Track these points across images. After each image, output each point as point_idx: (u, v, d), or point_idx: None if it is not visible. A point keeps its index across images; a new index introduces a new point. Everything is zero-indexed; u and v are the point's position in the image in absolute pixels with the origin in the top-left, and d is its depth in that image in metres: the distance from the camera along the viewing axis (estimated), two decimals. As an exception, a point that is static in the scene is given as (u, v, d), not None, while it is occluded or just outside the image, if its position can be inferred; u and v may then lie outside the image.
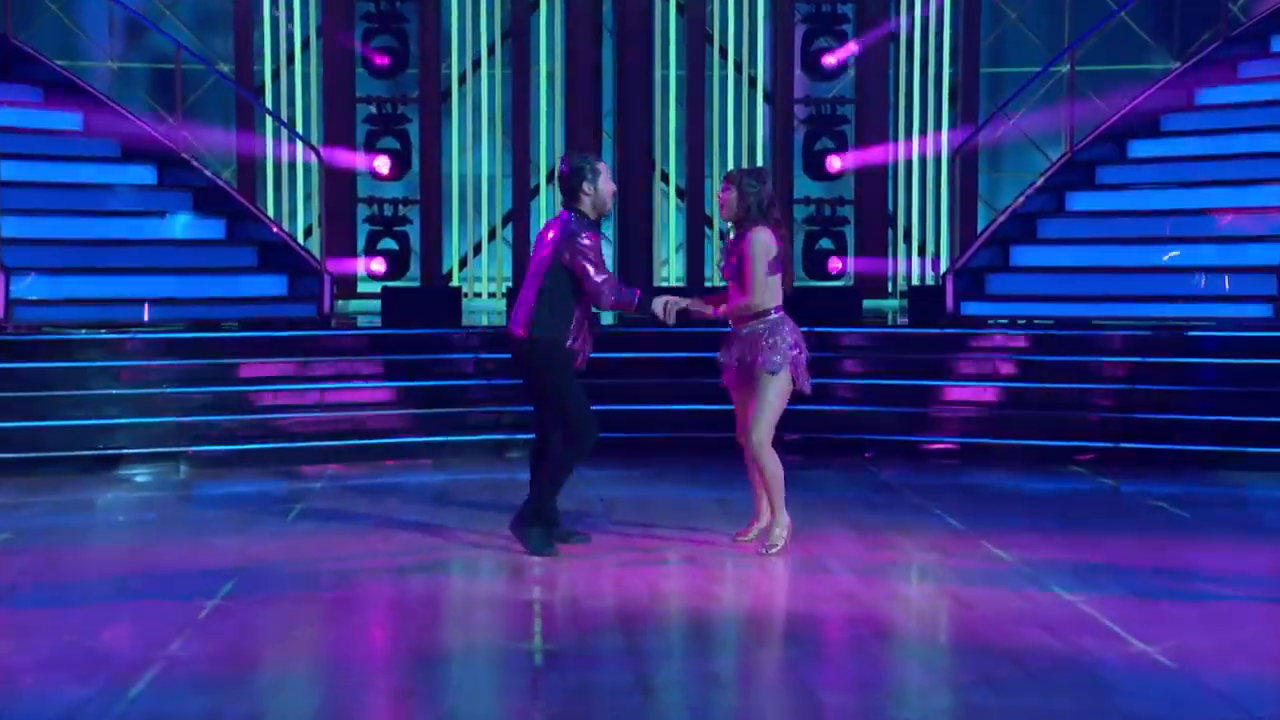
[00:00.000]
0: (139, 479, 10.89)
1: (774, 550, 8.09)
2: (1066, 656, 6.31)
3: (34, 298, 12.13)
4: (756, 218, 8.03)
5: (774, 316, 8.07)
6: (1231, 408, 11.41)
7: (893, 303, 16.04)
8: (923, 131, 16.75)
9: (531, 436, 8.53)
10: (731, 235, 8.23)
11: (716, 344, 8.41)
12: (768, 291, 8.04)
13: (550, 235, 8.03)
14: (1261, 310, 12.13)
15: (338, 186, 15.85)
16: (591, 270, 7.85)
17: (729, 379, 8.26)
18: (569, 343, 7.92)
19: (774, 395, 8.04)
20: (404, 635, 6.90)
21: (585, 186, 7.98)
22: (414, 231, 16.51)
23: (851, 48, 16.34)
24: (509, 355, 8.28)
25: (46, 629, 6.76)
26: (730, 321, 8.26)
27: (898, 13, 16.58)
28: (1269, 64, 14.13)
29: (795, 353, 8.06)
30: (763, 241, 8.00)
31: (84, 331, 12.00)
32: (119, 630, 6.75)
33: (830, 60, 16.40)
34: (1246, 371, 11.66)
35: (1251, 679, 6.00)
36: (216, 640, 6.57)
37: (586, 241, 7.88)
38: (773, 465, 8.11)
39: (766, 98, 16.87)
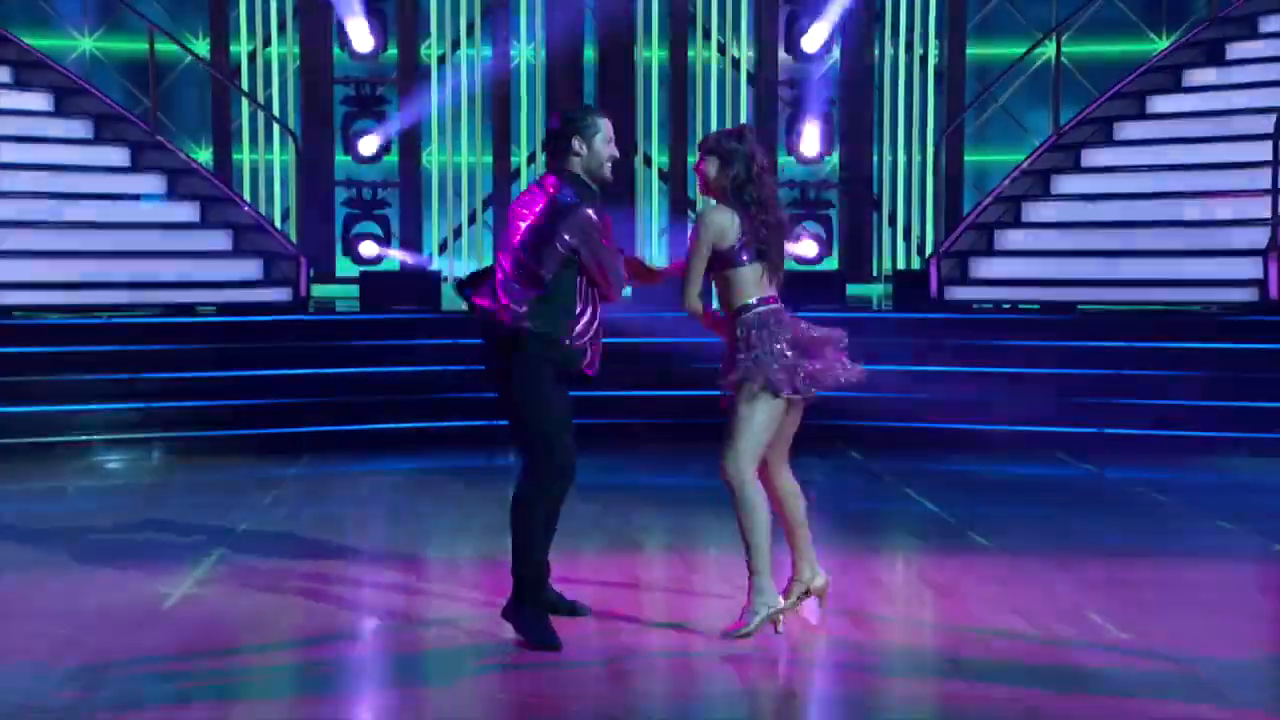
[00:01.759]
0: (111, 465, 10.78)
1: (745, 632, 6.26)
2: (1043, 644, 6.26)
3: (4, 280, 11.94)
4: (744, 186, 6.29)
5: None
6: (1219, 393, 11.33)
7: (877, 287, 15.90)
8: (908, 113, 16.61)
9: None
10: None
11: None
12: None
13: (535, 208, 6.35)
14: (1246, 294, 12.07)
15: (315, 169, 15.68)
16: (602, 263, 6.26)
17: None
18: (569, 341, 6.33)
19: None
20: (380, 625, 6.76)
21: (576, 144, 6.31)
22: (393, 215, 16.35)
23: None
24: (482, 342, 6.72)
25: (15, 613, 6.72)
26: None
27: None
28: (1258, 45, 14.00)
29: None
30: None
31: (55, 316, 11.86)
32: (89, 615, 6.68)
33: (811, 42, 16.19)
34: (1235, 355, 11.58)
35: (1228, 665, 5.97)
36: (189, 627, 6.50)
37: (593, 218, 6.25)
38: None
39: (749, 79, 16.70)
